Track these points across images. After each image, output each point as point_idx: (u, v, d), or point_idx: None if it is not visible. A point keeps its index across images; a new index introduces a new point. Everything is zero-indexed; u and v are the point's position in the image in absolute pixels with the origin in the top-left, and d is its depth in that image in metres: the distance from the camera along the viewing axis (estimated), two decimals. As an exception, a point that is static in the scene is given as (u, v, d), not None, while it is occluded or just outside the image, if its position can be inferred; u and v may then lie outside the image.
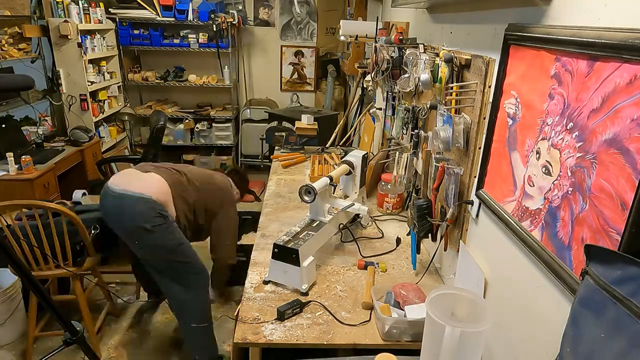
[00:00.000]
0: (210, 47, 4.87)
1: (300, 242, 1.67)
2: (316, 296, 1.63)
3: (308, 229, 1.80)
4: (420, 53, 1.87)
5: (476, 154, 1.42)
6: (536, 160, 1.06)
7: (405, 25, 2.50)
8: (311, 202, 1.80)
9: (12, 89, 3.12)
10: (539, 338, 1.05)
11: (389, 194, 2.32)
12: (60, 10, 3.90)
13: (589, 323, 0.72)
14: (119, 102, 4.84)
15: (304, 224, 1.86)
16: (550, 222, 1.00)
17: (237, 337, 1.41)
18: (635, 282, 0.66)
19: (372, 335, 1.44)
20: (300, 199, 1.81)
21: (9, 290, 2.48)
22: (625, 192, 0.77)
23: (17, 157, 3.06)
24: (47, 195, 3.15)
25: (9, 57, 3.50)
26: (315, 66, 5.47)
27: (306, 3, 5.21)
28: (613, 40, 0.79)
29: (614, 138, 0.80)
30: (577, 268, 0.90)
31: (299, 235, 1.74)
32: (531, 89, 1.10)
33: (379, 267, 1.82)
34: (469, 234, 1.52)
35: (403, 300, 1.48)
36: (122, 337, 2.66)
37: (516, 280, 1.18)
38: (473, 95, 1.45)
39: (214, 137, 5.27)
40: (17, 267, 1.30)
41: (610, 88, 0.81)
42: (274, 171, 3.01)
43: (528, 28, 1.10)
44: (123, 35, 4.78)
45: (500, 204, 1.25)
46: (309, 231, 1.78)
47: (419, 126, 1.99)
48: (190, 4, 4.74)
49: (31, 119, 3.95)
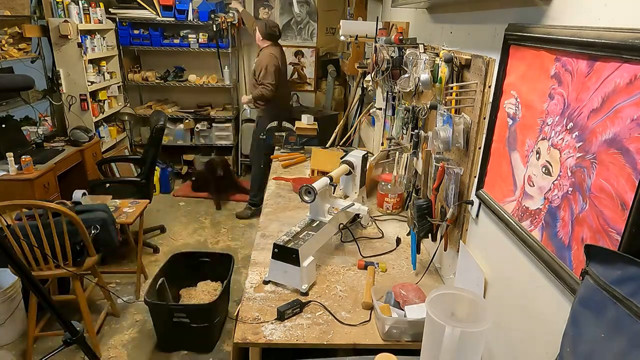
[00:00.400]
0: (210, 47, 4.86)
1: (300, 242, 1.67)
2: (316, 296, 1.63)
3: (308, 229, 1.80)
4: (420, 53, 1.87)
5: (476, 154, 1.42)
6: (536, 160, 1.06)
7: (405, 25, 2.50)
8: (311, 202, 1.80)
9: (12, 89, 3.12)
10: (539, 338, 1.06)
11: (389, 194, 2.32)
12: (60, 10, 3.90)
13: (589, 323, 0.72)
14: (119, 102, 4.84)
15: (304, 224, 1.85)
16: (550, 222, 1.00)
17: (237, 337, 1.41)
18: (635, 282, 0.66)
19: (372, 335, 1.44)
20: (300, 199, 1.81)
21: (9, 290, 2.48)
22: (625, 192, 0.77)
23: (17, 157, 3.06)
24: (47, 195, 3.15)
25: (9, 57, 3.50)
26: (315, 66, 5.46)
27: (306, 3, 5.20)
28: (613, 40, 0.79)
29: (614, 138, 0.80)
30: (577, 268, 0.90)
31: (299, 235, 1.74)
32: (531, 89, 1.10)
33: (379, 267, 1.82)
34: (469, 234, 1.52)
35: (403, 300, 1.48)
36: (122, 337, 2.66)
37: (516, 280, 1.18)
38: (473, 95, 1.45)
39: (214, 137, 5.26)
40: (17, 267, 1.30)
41: (610, 88, 0.81)
42: (273, 171, 3.01)
43: (528, 28, 1.10)
44: (123, 35, 4.78)
45: (500, 204, 1.25)
46: (309, 231, 1.78)
47: (419, 126, 1.99)
48: (190, 4, 4.74)
49: (31, 119, 3.95)
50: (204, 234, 4.00)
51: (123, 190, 3.49)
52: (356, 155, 2.11)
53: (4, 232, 2.18)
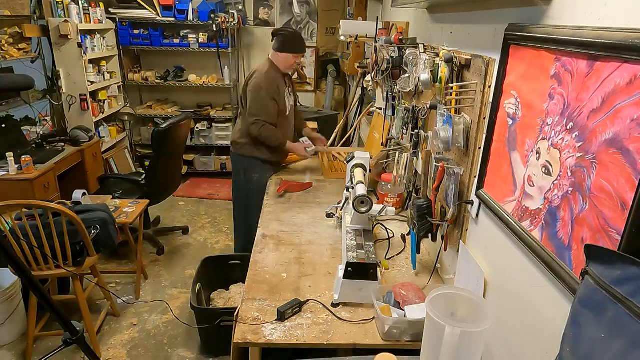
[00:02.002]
0: (210, 47, 4.86)
1: (371, 256, 1.61)
2: (317, 296, 1.63)
3: (362, 241, 1.74)
4: (420, 53, 1.87)
5: (476, 154, 1.42)
6: (536, 160, 1.06)
7: (405, 25, 2.50)
8: (367, 212, 1.73)
9: (12, 89, 3.13)
10: (539, 338, 1.05)
11: (389, 194, 2.32)
12: (60, 10, 3.90)
13: (589, 323, 0.72)
14: (119, 102, 4.84)
15: (353, 235, 1.78)
16: (550, 222, 1.00)
17: (237, 337, 1.41)
18: (635, 282, 0.66)
19: (372, 335, 1.44)
20: (299, 199, 1.78)
21: (9, 290, 2.48)
22: (625, 192, 0.77)
23: (17, 157, 3.06)
24: (47, 195, 3.15)
25: (9, 57, 3.50)
26: (315, 66, 5.46)
27: (306, 3, 5.20)
28: (613, 40, 0.79)
29: (614, 138, 0.80)
30: (577, 268, 0.90)
31: (361, 249, 1.67)
32: (531, 89, 1.10)
33: (382, 265, 1.82)
34: (469, 234, 1.52)
35: (403, 300, 1.48)
36: (122, 337, 2.66)
37: (516, 280, 1.18)
38: (473, 95, 1.45)
39: (214, 137, 5.26)
40: (17, 267, 1.30)
41: (610, 88, 0.81)
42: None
43: (528, 28, 1.10)
44: (123, 35, 4.78)
45: (500, 204, 1.25)
46: (365, 242, 1.72)
47: (419, 126, 1.99)
48: (190, 4, 4.74)
49: (31, 119, 3.95)
50: (204, 234, 4.01)
51: (128, 187, 3.50)
52: (363, 157, 2.07)
53: (4, 232, 2.18)
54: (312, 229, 2.18)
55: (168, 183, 3.70)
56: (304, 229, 2.17)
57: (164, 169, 3.47)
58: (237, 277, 2.83)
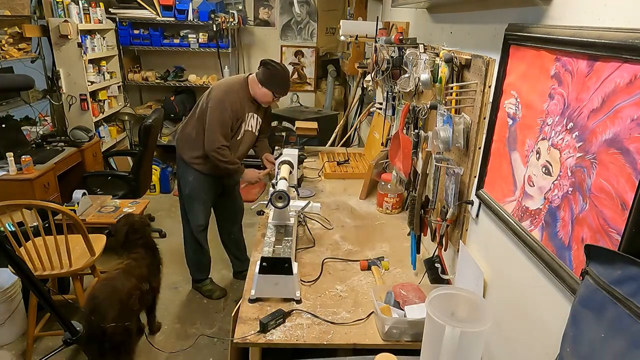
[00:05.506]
0: (210, 47, 4.86)
1: (287, 250, 1.63)
2: (317, 296, 1.63)
3: (281, 236, 1.77)
4: (420, 53, 1.87)
5: (476, 154, 1.42)
6: (536, 160, 1.06)
7: (405, 25, 2.50)
8: (284, 207, 1.76)
9: (12, 89, 3.13)
10: (539, 338, 1.05)
11: (388, 194, 2.32)
12: (60, 10, 3.90)
13: (589, 323, 0.72)
14: (119, 102, 4.84)
15: (274, 231, 1.82)
16: (550, 222, 1.00)
17: (237, 337, 1.41)
18: (635, 282, 0.66)
19: (372, 335, 1.44)
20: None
21: (9, 290, 2.48)
22: (625, 192, 0.77)
23: (17, 157, 3.06)
24: (47, 195, 3.15)
25: (9, 57, 3.50)
26: (315, 66, 5.46)
27: (306, 3, 5.20)
28: (613, 41, 0.79)
29: (614, 138, 0.80)
30: (577, 268, 0.90)
31: (279, 244, 1.70)
32: (531, 89, 1.10)
33: (382, 265, 1.82)
34: (469, 234, 1.52)
35: (403, 300, 1.48)
36: (122, 337, 2.65)
37: (516, 280, 1.18)
38: (473, 95, 1.44)
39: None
40: (17, 267, 1.30)
41: (611, 88, 0.81)
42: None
43: (528, 28, 1.10)
44: (123, 35, 4.78)
45: (500, 204, 1.25)
46: (284, 238, 1.76)
47: (419, 126, 1.98)
48: (190, 4, 4.74)
49: (31, 119, 3.95)
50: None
51: (114, 184, 3.51)
52: (291, 154, 2.10)
53: (4, 232, 2.18)
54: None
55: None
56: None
57: (149, 164, 3.48)
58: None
